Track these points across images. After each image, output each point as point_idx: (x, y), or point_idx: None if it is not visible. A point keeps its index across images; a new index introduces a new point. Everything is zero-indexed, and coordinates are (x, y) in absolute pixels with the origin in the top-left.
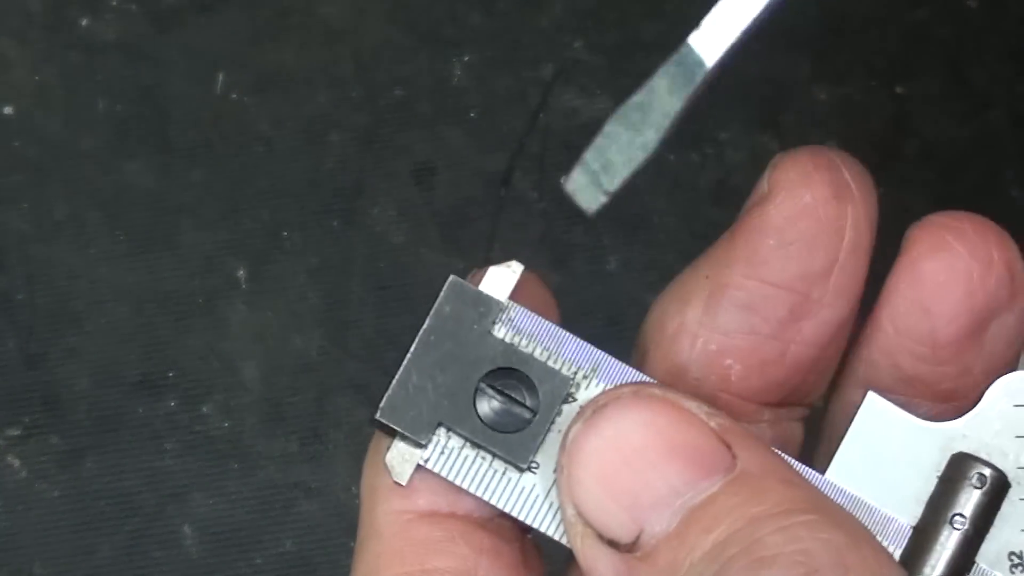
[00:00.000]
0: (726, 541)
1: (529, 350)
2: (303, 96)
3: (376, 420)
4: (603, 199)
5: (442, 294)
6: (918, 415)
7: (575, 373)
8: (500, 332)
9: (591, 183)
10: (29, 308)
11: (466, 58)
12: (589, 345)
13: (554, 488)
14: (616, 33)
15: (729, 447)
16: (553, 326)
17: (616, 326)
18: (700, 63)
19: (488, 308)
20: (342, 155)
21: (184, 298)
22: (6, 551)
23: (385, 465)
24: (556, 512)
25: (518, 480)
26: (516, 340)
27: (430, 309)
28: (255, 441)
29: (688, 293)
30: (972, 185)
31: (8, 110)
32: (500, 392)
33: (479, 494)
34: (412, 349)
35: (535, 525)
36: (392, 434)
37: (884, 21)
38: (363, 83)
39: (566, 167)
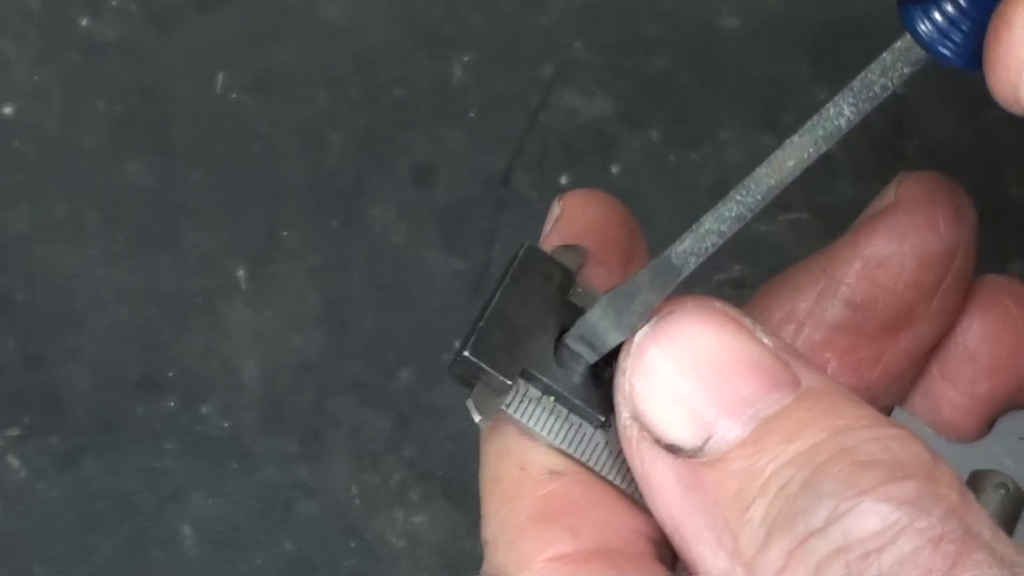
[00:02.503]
0: (815, 448)
1: None
2: (303, 96)
3: (463, 359)
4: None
5: (521, 254)
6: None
7: None
8: (573, 300)
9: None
10: (29, 308)
11: (466, 58)
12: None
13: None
14: (616, 33)
15: (788, 365)
16: None
17: None
18: (677, 272)
19: (562, 276)
20: (342, 155)
21: (184, 298)
22: (6, 551)
23: (468, 406)
24: (628, 467)
25: (592, 434)
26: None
27: (509, 267)
28: (255, 441)
29: (802, 283)
30: (972, 185)
31: (8, 110)
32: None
33: (556, 442)
34: (495, 298)
35: (608, 477)
36: (472, 380)
37: (884, 21)
38: (363, 83)
39: (566, 167)
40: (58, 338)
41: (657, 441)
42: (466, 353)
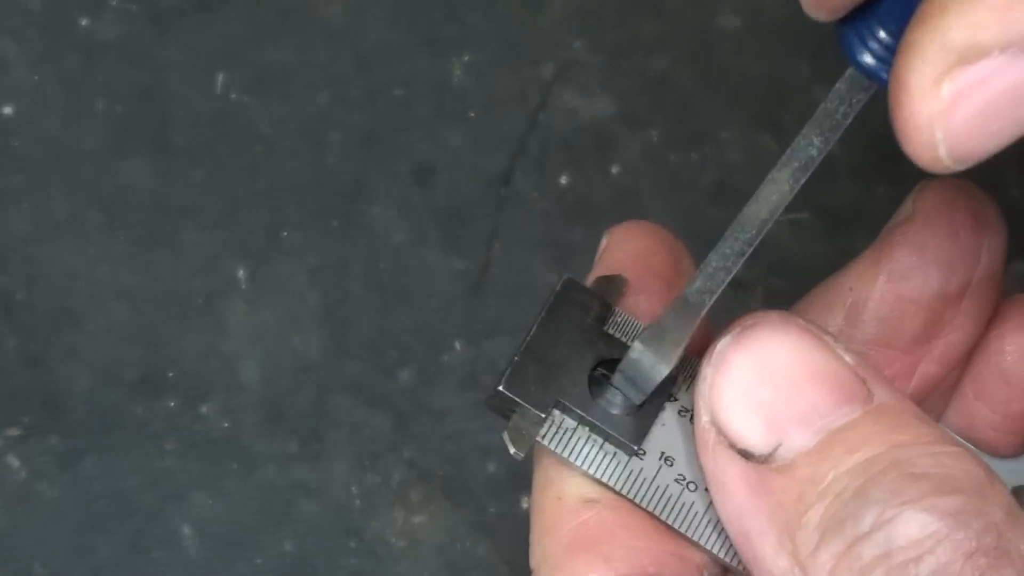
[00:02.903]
0: (872, 459)
1: None
2: (303, 96)
3: (498, 393)
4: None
5: (559, 288)
6: None
7: (677, 375)
8: (610, 331)
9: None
10: (29, 308)
11: (466, 58)
12: (691, 355)
13: (660, 473)
14: (616, 33)
15: (864, 381)
16: None
17: None
18: (697, 310)
19: (600, 307)
20: (342, 155)
21: (184, 298)
22: (6, 551)
23: (503, 438)
24: (664, 494)
25: (627, 463)
26: (625, 339)
27: (546, 301)
28: (255, 441)
29: (830, 303)
30: None
31: (8, 110)
32: (612, 381)
33: (591, 472)
34: (531, 333)
35: (643, 504)
36: (508, 413)
37: None
38: (363, 83)
39: (566, 167)
40: (58, 338)
41: (732, 445)
42: (500, 388)
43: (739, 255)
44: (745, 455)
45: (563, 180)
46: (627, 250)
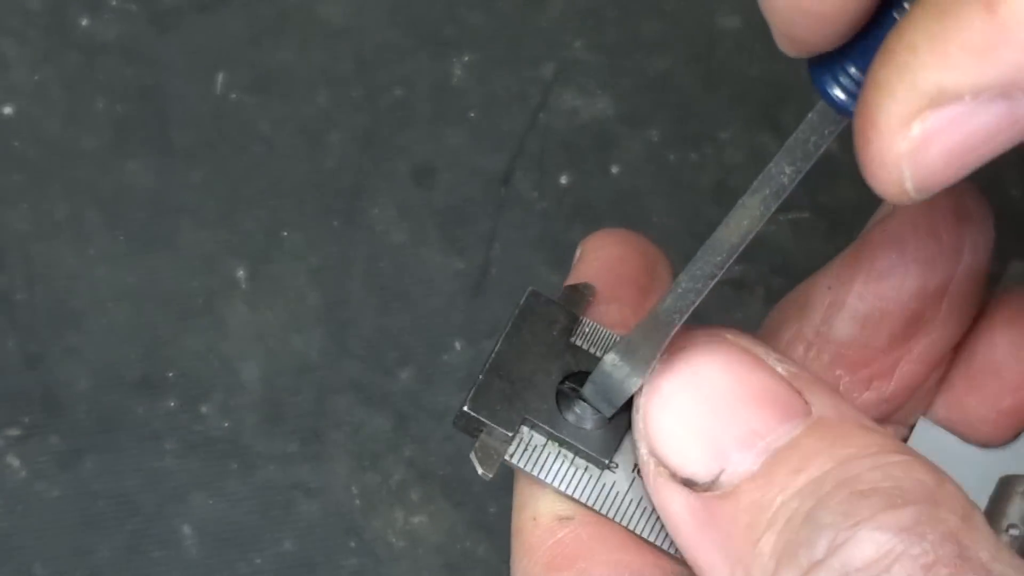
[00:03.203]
0: (820, 479)
1: None
2: (303, 96)
3: (463, 413)
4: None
5: (523, 302)
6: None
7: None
8: (577, 342)
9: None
10: (29, 308)
11: (466, 58)
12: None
13: (633, 485)
14: (616, 33)
15: (800, 393)
16: None
17: None
18: (667, 327)
19: (566, 319)
20: (342, 155)
21: (184, 298)
22: (6, 551)
23: (471, 459)
24: (639, 507)
25: (599, 477)
26: (593, 350)
27: (511, 316)
28: (255, 441)
29: (808, 303)
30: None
31: (8, 110)
32: (580, 395)
33: (562, 488)
34: (495, 350)
35: (616, 518)
36: (475, 432)
37: None
38: (363, 83)
39: (566, 167)
40: (58, 338)
41: (673, 476)
42: (465, 408)
43: (709, 277)
44: (688, 484)
45: (563, 180)
46: (600, 258)
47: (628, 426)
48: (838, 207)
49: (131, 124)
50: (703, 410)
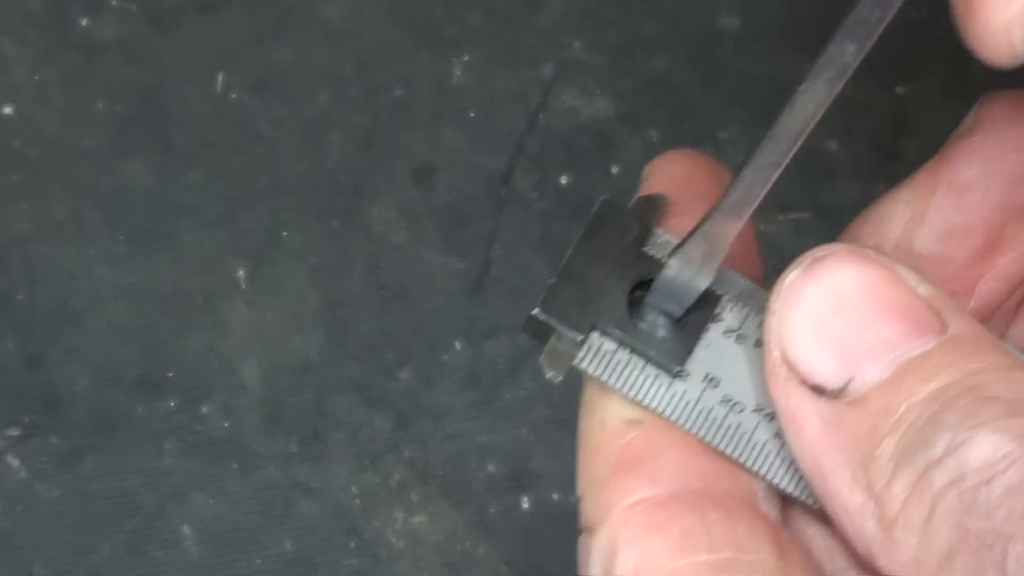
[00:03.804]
0: (947, 387)
1: None
2: (303, 96)
3: (533, 318)
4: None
5: (596, 208)
6: None
7: (722, 295)
8: (650, 251)
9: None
10: (29, 308)
11: (466, 58)
12: (735, 272)
13: (704, 394)
14: (616, 33)
15: (939, 313)
16: None
17: None
18: (736, 220)
19: (639, 228)
20: (342, 155)
21: (184, 298)
22: (6, 551)
23: (540, 363)
24: (708, 416)
25: (669, 385)
26: (665, 260)
27: (584, 223)
28: (255, 441)
29: (887, 215)
30: None
31: (8, 110)
32: (650, 300)
33: (631, 395)
34: (567, 255)
35: (686, 426)
36: (545, 337)
37: None
38: (363, 83)
39: (566, 167)
40: (58, 338)
41: (804, 381)
42: (535, 311)
43: (775, 166)
44: (817, 390)
45: (563, 180)
46: (669, 174)
47: (699, 334)
48: (838, 207)
49: (131, 124)
50: (839, 320)
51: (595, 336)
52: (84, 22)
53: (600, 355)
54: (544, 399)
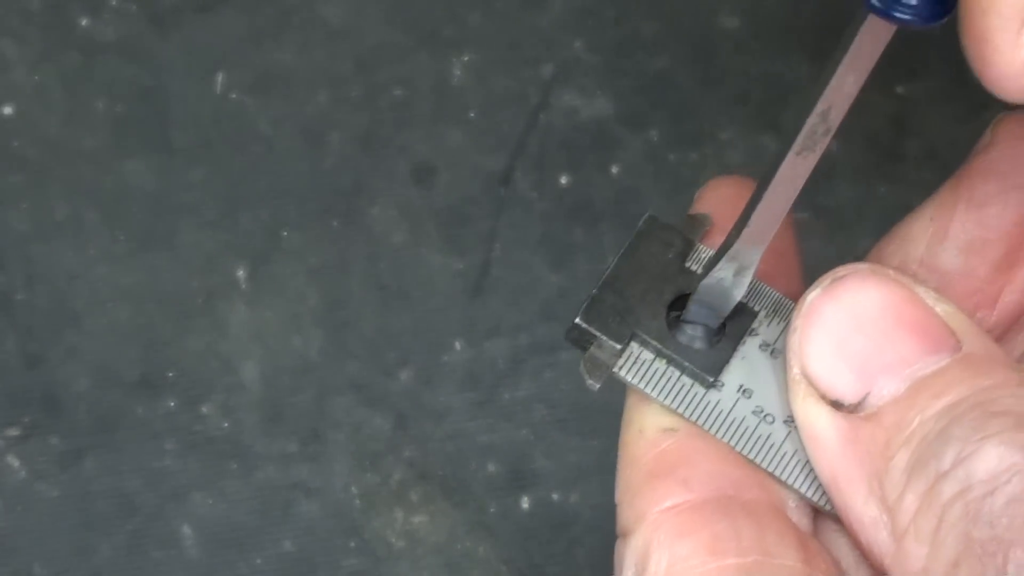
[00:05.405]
0: (958, 402)
1: None
2: (303, 96)
3: (576, 326)
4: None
5: (641, 224)
6: None
7: (759, 311)
8: (692, 267)
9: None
10: (29, 308)
11: (466, 58)
12: (772, 288)
13: (737, 405)
14: (616, 33)
15: (953, 332)
16: None
17: None
18: (775, 220)
19: (682, 243)
20: (342, 155)
21: (184, 298)
22: (6, 551)
23: (580, 371)
24: (739, 426)
25: (704, 395)
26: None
27: (629, 238)
28: (255, 441)
29: (911, 233)
30: None
31: (8, 110)
32: (689, 313)
33: (667, 403)
34: (611, 267)
35: (718, 435)
36: (586, 345)
37: None
38: (363, 83)
39: (566, 167)
40: (58, 338)
41: (823, 396)
42: (578, 320)
43: (799, 178)
44: (835, 405)
45: (563, 180)
46: (714, 198)
47: (736, 347)
48: (837, 207)
49: (131, 124)
50: (858, 337)
51: (634, 346)
52: (84, 22)
53: (638, 364)
54: (544, 399)
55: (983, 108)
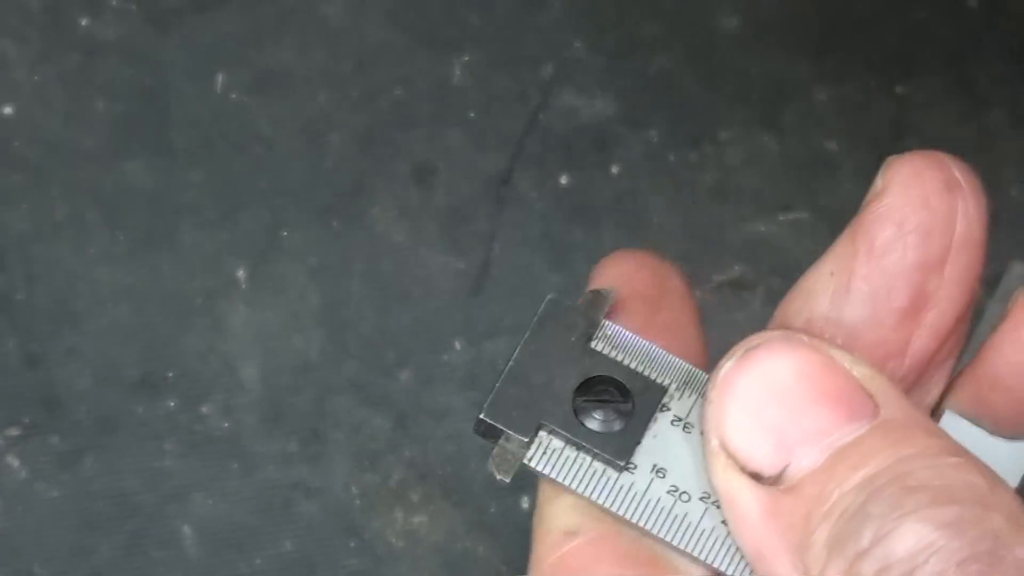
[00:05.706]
0: (875, 475)
1: (626, 363)
2: (303, 96)
3: (481, 421)
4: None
5: (542, 309)
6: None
7: (669, 385)
8: (598, 346)
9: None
10: (29, 308)
11: (466, 58)
12: (682, 360)
13: (651, 486)
14: (616, 33)
15: (871, 396)
16: (647, 343)
17: None
18: None
19: (586, 324)
20: (342, 155)
21: (184, 298)
22: (6, 551)
23: (489, 466)
24: (655, 507)
25: (616, 479)
26: (612, 353)
27: (530, 323)
28: (255, 441)
29: (813, 290)
30: None
31: (8, 110)
32: (598, 398)
33: (580, 491)
34: (513, 357)
35: (634, 520)
36: (494, 437)
37: (884, 21)
38: (363, 83)
39: (566, 167)
40: (58, 338)
41: (742, 468)
42: (482, 415)
43: None
44: (755, 477)
45: (563, 180)
46: (610, 275)
47: (647, 425)
48: (838, 207)
49: (131, 124)
50: (774, 407)
51: (543, 435)
52: (84, 22)
53: (548, 453)
54: None
55: (983, 108)
